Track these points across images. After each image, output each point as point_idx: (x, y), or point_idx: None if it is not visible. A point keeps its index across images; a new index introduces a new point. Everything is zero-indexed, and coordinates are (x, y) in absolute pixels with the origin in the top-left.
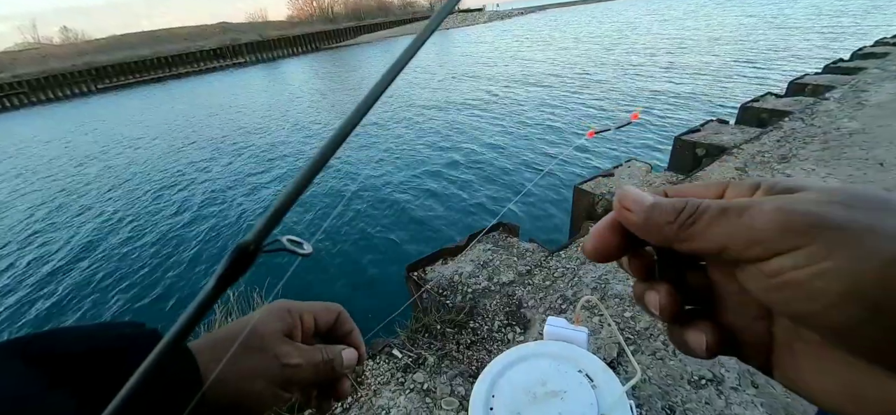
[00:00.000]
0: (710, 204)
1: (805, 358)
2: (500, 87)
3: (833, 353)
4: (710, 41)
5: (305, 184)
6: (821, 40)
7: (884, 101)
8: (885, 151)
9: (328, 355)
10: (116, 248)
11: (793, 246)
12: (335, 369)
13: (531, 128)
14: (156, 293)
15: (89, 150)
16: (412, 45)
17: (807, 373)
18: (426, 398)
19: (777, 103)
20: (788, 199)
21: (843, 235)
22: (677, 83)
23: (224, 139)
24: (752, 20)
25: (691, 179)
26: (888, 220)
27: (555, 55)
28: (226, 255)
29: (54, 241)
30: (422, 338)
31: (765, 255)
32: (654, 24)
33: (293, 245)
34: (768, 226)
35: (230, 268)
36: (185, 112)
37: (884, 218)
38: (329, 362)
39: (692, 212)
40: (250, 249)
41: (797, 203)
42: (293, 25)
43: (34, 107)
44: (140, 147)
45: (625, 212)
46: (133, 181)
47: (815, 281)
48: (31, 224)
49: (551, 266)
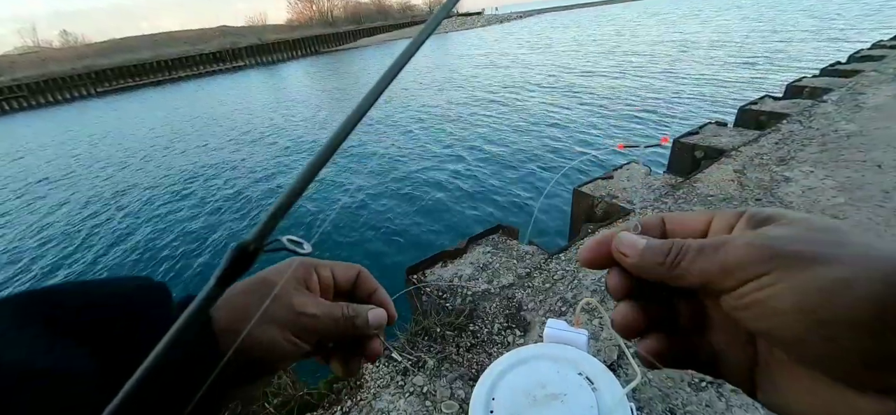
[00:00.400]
0: (690, 245)
1: (782, 379)
2: (501, 92)
3: (804, 373)
4: (709, 44)
5: (305, 184)
6: (817, 44)
7: (881, 103)
8: (883, 153)
9: (350, 311)
10: (111, 246)
11: (758, 274)
12: (357, 325)
13: (531, 133)
14: None
15: (85, 152)
16: (409, 48)
17: (784, 394)
18: (426, 402)
19: (775, 106)
20: (757, 234)
21: (797, 262)
22: (676, 84)
23: (223, 140)
24: (748, 23)
25: (691, 181)
26: (837, 249)
27: (554, 59)
28: (226, 254)
29: (51, 239)
30: (421, 341)
31: (737, 284)
32: (652, 28)
33: (293, 245)
34: (739, 260)
35: (231, 267)
36: (185, 115)
37: (834, 248)
38: (350, 318)
39: (678, 252)
40: (251, 248)
41: (764, 238)
42: (292, 29)
43: (34, 110)
44: (140, 147)
45: (621, 256)
46: (131, 183)
47: (771, 300)
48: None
49: (551, 269)
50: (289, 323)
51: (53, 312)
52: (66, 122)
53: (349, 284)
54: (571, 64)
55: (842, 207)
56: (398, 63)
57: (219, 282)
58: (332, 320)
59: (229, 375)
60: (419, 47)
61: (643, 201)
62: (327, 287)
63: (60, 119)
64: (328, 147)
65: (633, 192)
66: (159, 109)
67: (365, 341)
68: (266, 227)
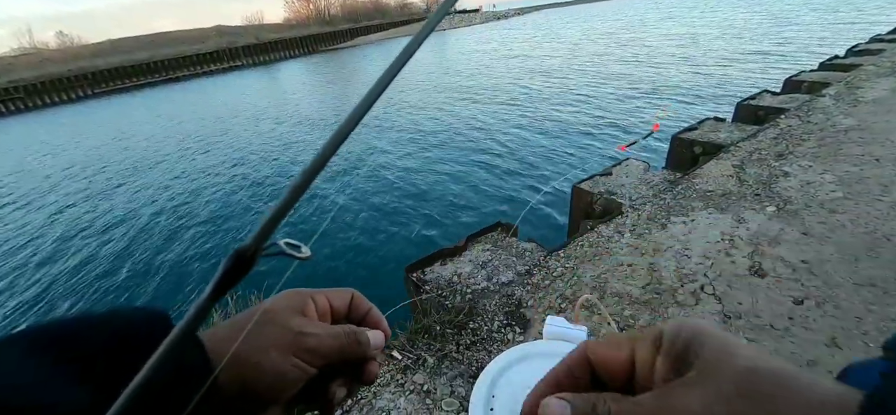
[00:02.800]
0: (618, 412)
1: None
2: (501, 90)
3: None
4: (707, 39)
5: (304, 187)
6: (812, 39)
7: (879, 97)
8: (882, 147)
9: (351, 331)
10: (106, 250)
11: None
12: (361, 343)
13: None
14: (145, 301)
15: (80, 155)
16: (409, 47)
17: None
18: (426, 399)
19: (773, 101)
20: (681, 410)
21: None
22: (675, 81)
23: (222, 141)
24: (746, 16)
25: (689, 176)
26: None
27: (552, 53)
28: (224, 260)
29: (41, 246)
30: (421, 339)
31: None
32: (652, 23)
33: (291, 249)
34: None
35: (228, 273)
36: (184, 115)
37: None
38: (353, 333)
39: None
40: (249, 254)
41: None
42: (290, 28)
43: (31, 112)
44: (138, 149)
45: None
46: (128, 183)
47: None
48: None
49: (550, 266)
50: (291, 346)
51: (57, 345)
52: (63, 124)
53: (345, 308)
54: (572, 62)
55: (840, 201)
56: (398, 62)
57: (216, 288)
58: (335, 338)
59: (234, 409)
60: (417, 48)
61: (642, 198)
62: (324, 314)
63: (58, 121)
64: (327, 149)
65: (631, 188)
66: (157, 109)
67: (363, 364)
68: (264, 231)
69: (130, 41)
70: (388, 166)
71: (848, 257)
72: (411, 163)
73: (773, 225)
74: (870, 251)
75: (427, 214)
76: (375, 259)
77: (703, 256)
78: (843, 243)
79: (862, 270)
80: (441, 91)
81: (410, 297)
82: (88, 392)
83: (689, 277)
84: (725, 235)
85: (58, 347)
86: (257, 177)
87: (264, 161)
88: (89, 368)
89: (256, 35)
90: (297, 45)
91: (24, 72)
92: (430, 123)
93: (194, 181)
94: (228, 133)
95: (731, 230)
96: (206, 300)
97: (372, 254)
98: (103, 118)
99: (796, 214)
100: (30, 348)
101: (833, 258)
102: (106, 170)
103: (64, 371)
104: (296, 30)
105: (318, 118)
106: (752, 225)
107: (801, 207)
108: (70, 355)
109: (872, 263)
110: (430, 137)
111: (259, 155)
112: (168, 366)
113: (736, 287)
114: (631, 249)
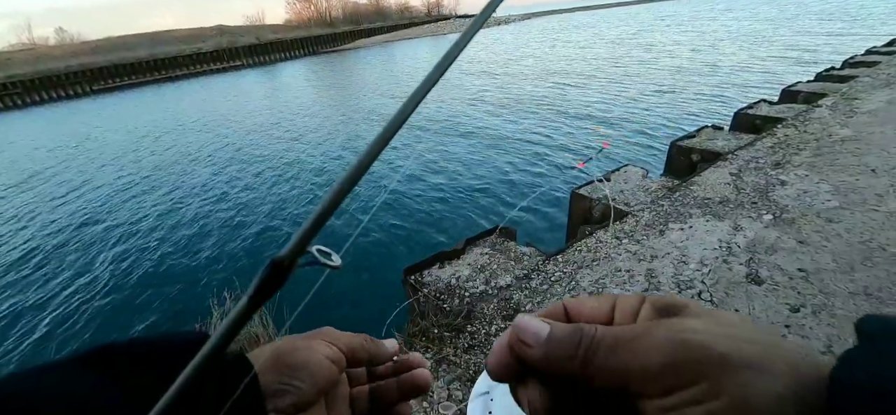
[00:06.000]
0: (603, 336)
1: None
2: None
3: None
4: (705, 48)
5: (341, 197)
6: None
7: (875, 108)
8: (877, 157)
9: (367, 335)
10: (116, 258)
11: (687, 381)
12: (375, 342)
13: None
14: (162, 309)
15: (77, 155)
16: (455, 47)
17: None
18: (423, 402)
19: (770, 110)
20: (673, 327)
21: (726, 366)
22: (674, 89)
23: (224, 143)
24: (744, 25)
25: (687, 183)
26: (757, 350)
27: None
28: (260, 270)
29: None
30: (419, 342)
31: (663, 391)
32: (655, 32)
33: (323, 256)
34: (663, 361)
35: (264, 284)
36: (183, 115)
37: (754, 348)
38: (368, 336)
39: (588, 344)
40: (285, 264)
41: (682, 332)
42: (291, 29)
43: (28, 108)
44: (138, 149)
45: (524, 348)
46: (123, 184)
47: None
48: None
49: (548, 270)
50: (317, 334)
51: (109, 365)
52: (61, 123)
53: (368, 355)
54: (574, 68)
55: (836, 211)
56: (444, 62)
57: (252, 299)
58: (353, 335)
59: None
60: (465, 46)
61: (640, 204)
62: (349, 353)
63: (55, 118)
64: (364, 159)
65: (630, 194)
66: (155, 108)
67: (394, 408)
68: (301, 242)
69: (130, 38)
70: (383, 169)
71: (843, 266)
72: (408, 160)
73: (770, 233)
74: (865, 260)
75: (425, 215)
76: (372, 260)
77: (701, 262)
78: (838, 252)
79: (857, 278)
80: (443, 91)
81: (408, 298)
82: (132, 403)
83: (687, 284)
84: (723, 243)
85: (112, 364)
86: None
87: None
88: (134, 382)
89: (257, 35)
90: (298, 47)
91: (22, 67)
92: (429, 122)
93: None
94: (252, 133)
95: (729, 238)
96: (244, 310)
97: (369, 255)
98: (102, 116)
99: (793, 222)
100: (85, 364)
101: (829, 267)
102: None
103: (116, 384)
104: (297, 31)
105: (317, 111)
106: (749, 233)
107: (797, 215)
108: (121, 372)
109: (868, 272)
110: (430, 136)
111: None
112: (207, 376)
113: (733, 294)
114: (629, 255)
